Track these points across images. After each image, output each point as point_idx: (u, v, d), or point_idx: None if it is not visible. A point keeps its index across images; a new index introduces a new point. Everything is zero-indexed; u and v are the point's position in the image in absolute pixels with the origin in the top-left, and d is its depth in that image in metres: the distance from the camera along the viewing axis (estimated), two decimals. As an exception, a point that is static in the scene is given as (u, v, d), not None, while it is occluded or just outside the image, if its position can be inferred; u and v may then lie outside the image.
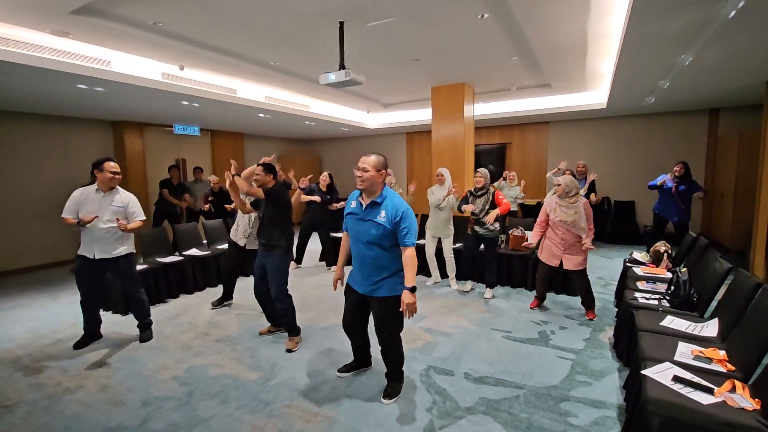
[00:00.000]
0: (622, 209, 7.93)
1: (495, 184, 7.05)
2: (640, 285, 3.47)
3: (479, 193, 4.41)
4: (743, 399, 1.73)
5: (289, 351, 3.24)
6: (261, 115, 6.88)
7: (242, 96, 5.91)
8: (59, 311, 4.32)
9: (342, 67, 3.51)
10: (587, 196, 6.44)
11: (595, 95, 6.76)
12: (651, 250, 4.25)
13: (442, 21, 3.62)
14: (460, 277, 4.96)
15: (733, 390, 1.80)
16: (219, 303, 4.36)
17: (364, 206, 2.42)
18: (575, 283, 3.93)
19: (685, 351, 2.22)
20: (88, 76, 4.16)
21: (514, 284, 4.91)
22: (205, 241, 5.53)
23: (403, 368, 2.67)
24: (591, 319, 3.83)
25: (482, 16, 3.50)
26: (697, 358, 2.14)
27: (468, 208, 4.40)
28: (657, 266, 4.06)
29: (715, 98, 6.33)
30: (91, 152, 6.83)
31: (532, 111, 7.63)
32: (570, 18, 3.56)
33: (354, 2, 3.20)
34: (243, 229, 4.19)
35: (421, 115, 8.44)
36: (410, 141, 10.30)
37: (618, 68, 4.28)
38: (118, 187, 3.39)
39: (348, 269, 2.61)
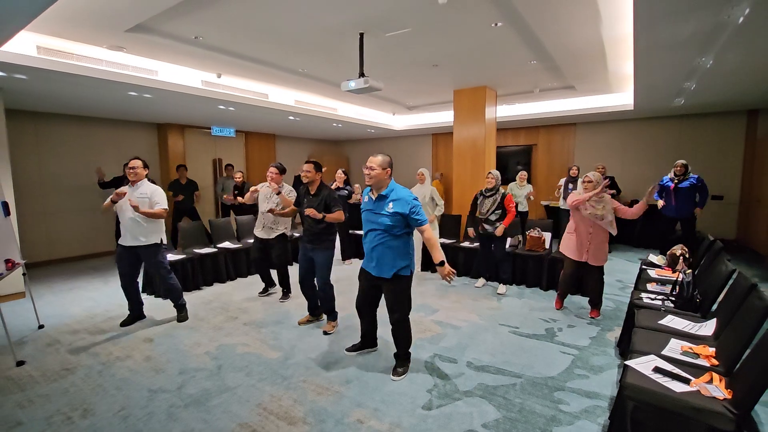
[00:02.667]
0: (651, 213, 7.70)
1: (511, 184, 7.13)
2: (650, 286, 3.52)
3: (489, 194, 4.60)
4: (717, 389, 1.84)
5: (326, 333, 3.54)
6: (291, 117, 7.29)
7: (273, 100, 6.32)
8: (110, 293, 4.86)
9: (361, 74, 3.78)
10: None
11: (622, 97, 6.68)
12: (668, 253, 4.23)
13: (457, 30, 3.81)
14: (474, 275, 5.13)
15: (710, 382, 1.91)
16: (264, 292, 4.73)
17: (374, 199, 2.76)
18: (591, 279, 3.98)
19: (674, 347, 2.32)
20: (138, 85, 4.67)
21: (529, 284, 5.01)
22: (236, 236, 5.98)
23: (410, 350, 2.92)
24: (594, 318, 3.92)
25: (496, 24, 3.66)
26: (685, 353, 2.24)
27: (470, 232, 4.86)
28: (673, 270, 4.06)
29: (753, 99, 6.11)
30: (139, 152, 7.47)
31: (558, 112, 7.61)
32: (582, 23, 3.65)
33: (373, 15, 3.46)
34: (259, 221, 4.47)
35: (446, 116, 8.59)
36: (435, 142, 10.46)
37: (637, 71, 4.30)
38: (145, 180, 3.74)
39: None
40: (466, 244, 5.54)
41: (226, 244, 5.61)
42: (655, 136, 7.79)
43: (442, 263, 2.67)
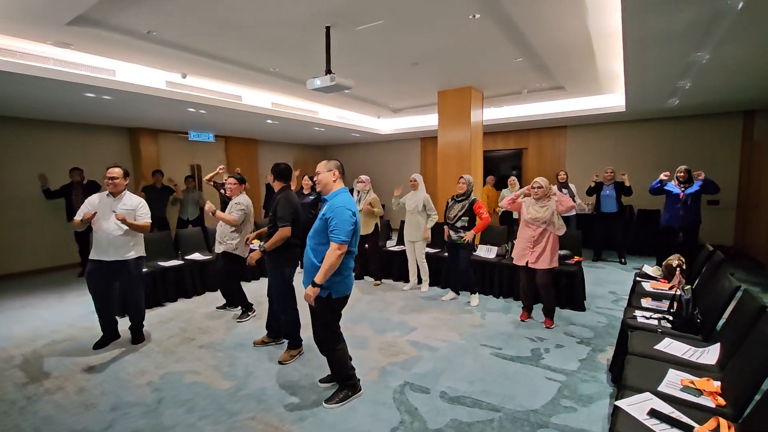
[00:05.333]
0: (646, 219, 7.45)
1: (504, 190, 6.84)
2: (645, 302, 3.19)
3: (459, 199, 4.37)
4: (726, 441, 1.51)
5: (281, 363, 3.13)
6: (269, 121, 6.96)
7: (248, 103, 6.00)
8: (63, 312, 4.47)
9: (328, 71, 3.46)
10: (620, 202, 6.18)
11: (614, 98, 6.41)
12: (663, 264, 3.92)
13: (433, 23, 3.51)
14: (442, 286, 4.88)
15: (716, 430, 1.58)
16: (222, 307, 4.41)
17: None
18: (539, 286, 3.73)
19: (673, 380, 1.99)
20: (93, 85, 4.33)
21: (516, 296, 4.67)
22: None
23: (351, 373, 2.63)
24: (548, 327, 3.73)
25: (473, 16, 3.36)
26: (685, 389, 1.91)
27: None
28: (669, 282, 3.74)
29: (750, 99, 5.86)
30: (109, 158, 7.12)
31: (548, 115, 7.33)
32: (566, 16, 3.37)
33: (340, 6, 3.15)
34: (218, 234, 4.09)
35: (434, 120, 8.22)
36: (424, 147, 10.16)
37: (627, 67, 4.01)
38: (126, 191, 3.47)
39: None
40: (434, 250, 5.24)
41: (195, 256, 5.24)
42: (648, 139, 7.52)
43: (314, 284, 2.34)
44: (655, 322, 2.72)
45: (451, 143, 6.07)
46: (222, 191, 4.46)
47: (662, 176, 5.23)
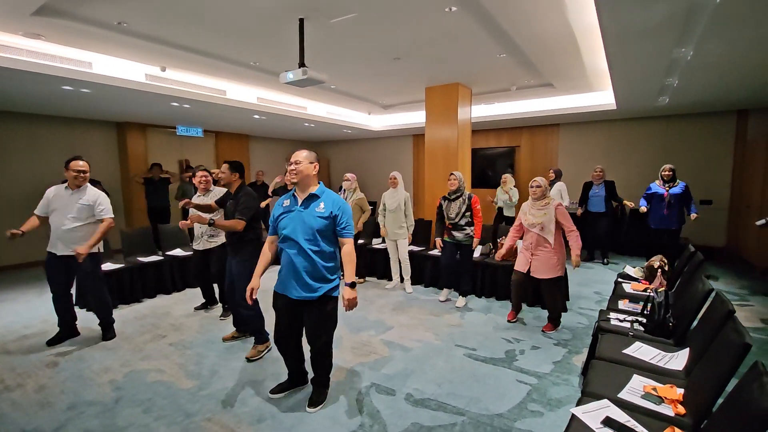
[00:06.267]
0: (637, 218, 7.33)
1: (498, 189, 6.74)
2: (621, 304, 3.13)
3: (453, 197, 4.20)
4: (678, 453, 1.44)
5: (249, 360, 3.09)
6: (256, 116, 6.88)
7: (232, 97, 5.92)
8: (38, 307, 4.42)
9: (302, 64, 3.38)
10: (609, 202, 6.06)
11: (604, 96, 6.31)
12: (645, 265, 3.85)
13: (410, 16, 3.42)
14: (438, 286, 4.74)
15: (670, 440, 1.51)
16: (202, 307, 4.30)
17: (300, 201, 2.36)
18: (545, 294, 3.64)
19: (636, 386, 1.92)
20: (70, 78, 4.25)
21: (499, 296, 4.60)
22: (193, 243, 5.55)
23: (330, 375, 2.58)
24: (545, 332, 3.60)
25: (450, 9, 3.27)
26: (646, 396, 1.83)
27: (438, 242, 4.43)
28: (650, 283, 3.67)
29: (742, 98, 5.74)
30: (96, 152, 7.06)
31: (540, 112, 7.23)
32: (545, 10, 3.28)
33: (311, -3, 3.07)
34: (196, 234, 4.01)
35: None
36: (416, 143, 10.07)
37: (611, 63, 3.92)
38: (87, 185, 3.40)
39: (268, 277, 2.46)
40: (435, 252, 5.14)
41: (177, 252, 5.18)
42: (640, 137, 7.42)
43: (352, 285, 2.30)
44: (628, 325, 2.65)
45: (438, 140, 5.98)
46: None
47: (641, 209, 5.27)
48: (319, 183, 2.42)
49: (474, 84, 5.91)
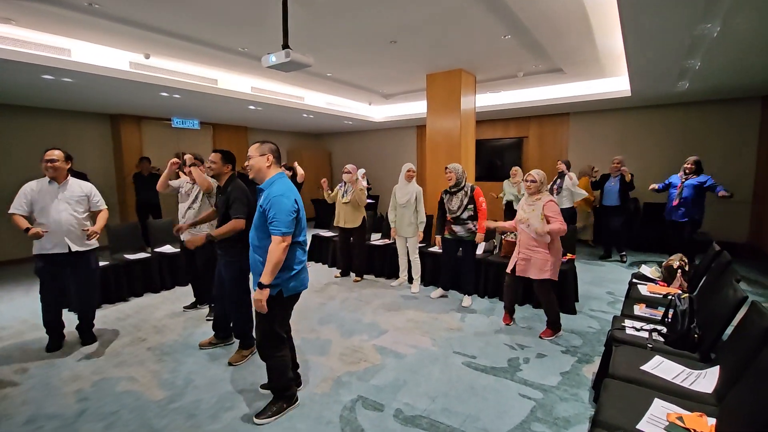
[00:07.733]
0: (653, 212, 6.96)
1: (505, 182, 6.42)
2: (638, 309, 2.82)
3: (454, 190, 3.93)
4: None
5: (231, 364, 2.90)
6: (251, 107, 6.62)
7: (224, 87, 5.66)
8: (21, 306, 4.24)
9: (285, 46, 3.09)
10: (624, 194, 5.70)
11: (618, 82, 5.91)
12: (664, 265, 3.52)
13: (404, -9, 3.11)
14: (437, 285, 4.46)
15: (704, 492, 1.22)
16: (192, 306, 4.09)
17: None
18: (539, 295, 3.36)
19: (658, 414, 1.63)
20: (50, 66, 4.03)
21: (503, 296, 4.29)
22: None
23: (289, 384, 2.36)
24: (542, 338, 3.30)
25: (448, -18, 2.95)
26: (671, 427, 1.55)
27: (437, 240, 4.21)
28: (669, 285, 3.35)
29: (768, 82, 5.31)
30: (89, 146, 6.88)
31: (549, 100, 6.83)
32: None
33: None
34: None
35: (428, 107, 7.86)
36: (420, 135, 9.73)
37: (627, 42, 3.55)
38: (70, 177, 3.19)
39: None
40: (434, 248, 4.85)
41: (166, 248, 4.97)
42: (657, 127, 6.99)
43: (261, 285, 2.08)
44: (646, 335, 2.35)
45: (440, 130, 5.67)
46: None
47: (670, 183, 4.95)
48: (276, 174, 2.24)
49: (478, 70, 5.57)
